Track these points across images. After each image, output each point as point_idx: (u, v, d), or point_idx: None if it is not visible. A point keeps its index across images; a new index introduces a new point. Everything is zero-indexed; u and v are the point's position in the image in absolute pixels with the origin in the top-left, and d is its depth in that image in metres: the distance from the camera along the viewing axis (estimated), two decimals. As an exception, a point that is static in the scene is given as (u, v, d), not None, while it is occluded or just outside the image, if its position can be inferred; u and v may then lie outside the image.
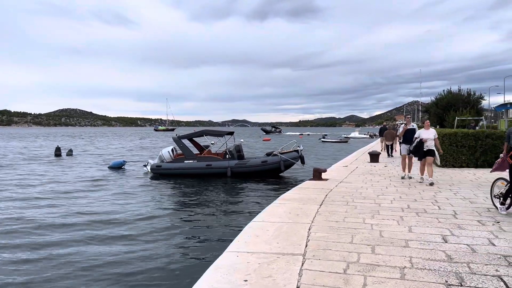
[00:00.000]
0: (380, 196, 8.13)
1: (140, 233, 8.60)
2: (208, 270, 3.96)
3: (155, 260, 6.87)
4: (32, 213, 10.58)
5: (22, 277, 6.18)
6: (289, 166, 17.64)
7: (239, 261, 4.19)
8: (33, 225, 9.30)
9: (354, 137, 69.98)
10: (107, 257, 7.04)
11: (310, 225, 5.65)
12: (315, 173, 10.82)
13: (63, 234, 8.50)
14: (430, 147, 9.72)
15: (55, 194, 13.40)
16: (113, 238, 8.24)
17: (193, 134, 18.98)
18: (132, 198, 12.78)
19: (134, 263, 6.71)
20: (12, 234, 8.57)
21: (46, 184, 15.70)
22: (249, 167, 17.18)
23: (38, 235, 8.45)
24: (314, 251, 4.47)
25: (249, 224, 5.80)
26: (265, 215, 6.38)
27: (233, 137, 19.72)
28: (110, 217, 10.10)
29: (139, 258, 6.96)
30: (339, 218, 6.12)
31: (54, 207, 11.29)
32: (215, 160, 17.55)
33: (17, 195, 13.31)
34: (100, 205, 11.64)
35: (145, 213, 10.50)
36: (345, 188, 9.26)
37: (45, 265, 6.68)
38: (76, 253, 7.30)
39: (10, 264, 6.77)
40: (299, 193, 8.56)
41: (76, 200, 12.32)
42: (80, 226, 9.15)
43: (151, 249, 7.44)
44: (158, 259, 6.90)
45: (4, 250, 7.51)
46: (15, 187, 14.95)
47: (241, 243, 4.86)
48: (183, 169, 17.63)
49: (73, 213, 10.55)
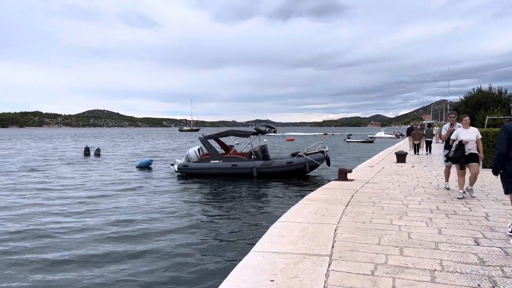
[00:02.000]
0: (407, 197, 7.98)
1: (166, 232, 8.72)
2: (235, 269, 3.98)
3: (181, 259, 6.96)
4: (61, 212, 10.89)
5: (54, 276, 6.38)
6: (315, 167, 17.54)
7: (265, 261, 4.19)
8: (63, 223, 9.58)
9: (379, 137, 68.93)
10: (132, 255, 7.18)
11: (336, 226, 5.60)
12: (341, 173, 10.71)
13: (92, 233, 8.72)
14: (472, 151, 7.74)
15: (84, 194, 13.76)
16: (139, 236, 8.39)
17: (219, 134, 19.13)
18: (158, 197, 12.98)
19: (160, 262, 6.81)
20: (46, 233, 8.85)
21: (75, 184, 16.13)
22: (275, 168, 17.18)
23: (67, 233, 8.70)
24: (341, 252, 4.43)
25: (274, 224, 5.80)
26: (290, 216, 6.36)
27: (258, 137, 19.76)
28: (137, 216, 10.29)
29: (165, 257, 7.06)
30: (365, 219, 6.04)
31: (82, 206, 11.59)
32: (240, 160, 17.63)
33: (48, 194, 13.73)
34: (127, 204, 11.87)
35: (171, 212, 10.65)
36: (371, 188, 9.13)
37: (78, 264, 6.87)
38: (103, 252, 7.47)
39: (45, 264, 6.99)
40: (324, 193, 8.49)
41: (103, 199, 12.61)
42: (107, 225, 9.36)
43: (177, 248, 7.54)
44: (184, 258, 6.98)
45: (37, 249, 7.76)
46: (45, 187, 15.43)
47: (266, 243, 4.86)
48: (209, 168, 17.80)
49: (100, 212, 10.81)
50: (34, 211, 10.89)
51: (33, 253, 7.36)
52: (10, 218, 10.14)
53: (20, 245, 7.86)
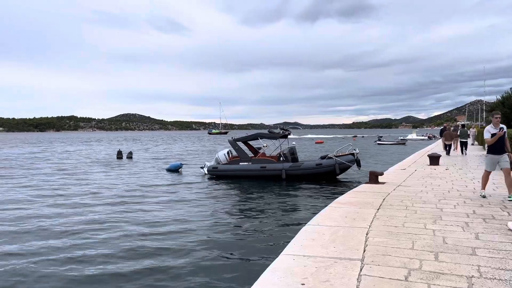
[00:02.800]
0: (442, 200, 7.75)
1: (196, 234, 8.81)
2: (265, 272, 3.98)
3: (211, 262, 7.01)
4: (96, 211, 11.21)
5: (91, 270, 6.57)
6: (345, 169, 17.32)
7: (296, 264, 4.17)
8: (98, 223, 9.86)
9: (411, 139, 67.34)
10: (161, 258, 7.27)
11: (367, 230, 5.51)
12: (372, 176, 10.53)
13: (122, 234, 8.93)
14: None
15: (115, 196, 14.10)
16: (169, 239, 8.49)
17: (248, 137, 19.23)
18: (188, 199, 13.15)
19: (189, 265, 6.88)
20: (81, 234, 9.12)
21: (108, 186, 16.56)
22: (304, 170, 17.09)
23: (99, 234, 8.94)
24: (373, 256, 4.35)
25: (304, 227, 5.76)
26: (320, 219, 6.30)
27: (287, 139, 19.72)
28: (168, 218, 10.45)
29: (195, 260, 7.12)
30: (398, 223, 5.91)
31: (114, 208, 11.88)
32: (269, 163, 17.65)
33: (81, 196, 14.17)
34: (158, 206, 12.09)
35: (201, 215, 10.76)
36: (403, 192, 8.92)
37: (113, 260, 7.05)
38: (133, 254, 7.63)
39: (81, 263, 7.21)
40: (355, 196, 8.37)
41: (134, 202, 12.87)
42: (137, 227, 9.53)
43: (206, 251, 7.60)
44: (214, 261, 7.03)
45: (73, 249, 8.01)
46: (79, 190, 15.92)
47: (297, 246, 4.83)
48: (238, 171, 17.92)
49: (132, 213, 11.05)
50: (67, 213, 11.25)
51: (63, 254, 7.59)
52: (42, 218, 10.52)
53: (49, 247, 8.08)
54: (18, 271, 6.64)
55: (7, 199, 13.23)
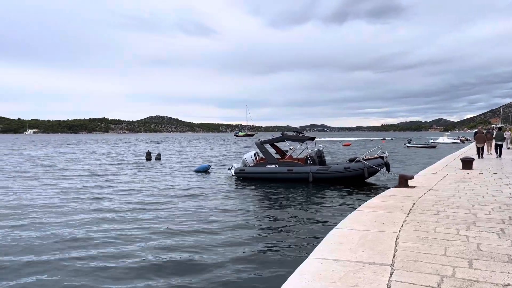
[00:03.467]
0: (475, 206, 7.50)
1: (222, 236, 8.85)
2: (292, 276, 3.95)
3: (237, 265, 7.01)
4: (125, 212, 11.45)
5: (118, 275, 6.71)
6: (374, 173, 17.03)
7: (324, 268, 4.12)
8: (123, 225, 10.07)
9: (443, 142, 65.53)
10: (188, 260, 7.30)
11: (397, 235, 5.39)
12: (401, 180, 10.31)
13: (151, 234, 9.08)
14: None
15: (145, 197, 14.36)
16: (195, 240, 8.55)
17: (275, 139, 19.21)
18: (216, 201, 13.25)
19: (217, 267, 6.91)
20: (110, 236, 9.33)
21: (137, 188, 16.90)
22: (331, 173, 16.91)
23: (129, 236, 9.12)
24: (403, 262, 4.25)
25: (332, 231, 5.70)
26: (349, 223, 6.22)
27: (314, 142, 19.58)
28: (195, 219, 10.54)
29: (221, 263, 7.13)
30: (429, 228, 5.75)
31: (143, 210, 12.10)
32: (296, 165, 17.57)
33: (112, 197, 14.51)
34: (185, 207, 12.22)
35: (228, 217, 10.82)
36: (434, 196, 8.69)
37: (143, 263, 7.18)
38: (161, 256, 7.73)
39: (107, 269, 7.38)
40: (384, 200, 8.21)
41: (163, 203, 13.06)
42: (167, 227, 9.66)
43: (233, 253, 7.61)
44: (240, 264, 7.04)
45: (101, 254, 8.20)
46: (109, 192, 16.30)
47: (325, 250, 4.79)
48: (265, 173, 17.92)
49: (159, 214, 11.21)
50: (96, 215, 11.52)
51: (91, 258, 7.77)
52: (73, 219, 10.82)
53: (78, 248, 8.27)
54: (45, 273, 6.86)
55: (38, 201, 13.48)
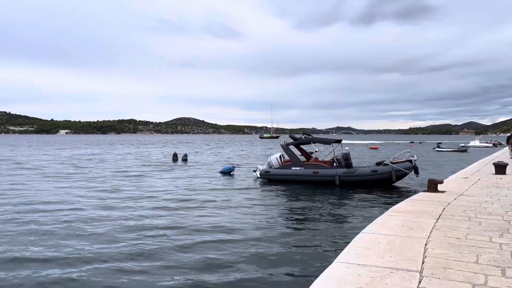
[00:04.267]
0: (509, 212, 7.23)
1: (247, 238, 8.84)
2: (318, 280, 3.91)
3: (262, 267, 6.99)
4: (151, 213, 11.63)
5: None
6: (402, 176, 16.70)
7: (350, 273, 4.06)
8: (148, 226, 10.22)
9: (474, 146, 63.58)
10: (210, 261, 7.31)
11: (426, 240, 5.26)
12: (430, 184, 10.05)
13: (174, 235, 9.18)
14: None
15: (171, 198, 14.54)
16: (219, 242, 8.55)
17: (301, 142, 19.13)
18: (240, 202, 13.29)
19: (241, 270, 6.90)
20: (139, 238, 9.49)
21: (164, 189, 17.14)
22: (358, 176, 16.68)
23: (157, 238, 9.25)
24: (433, 268, 4.14)
25: (358, 235, 5.61)
26: (375, 227, 6.10)
27: (340, 145, 19.40)
28: (219, 221, 10.57)
29: (246, 265, 7.13)
30: (460, 234, 5.58)
31: (169, 211, 12.26)
32: (322, 168, 17.42)
33: (139, 198, 14.77)
34: (210, 209, 12.30)
35: (252, 219, 10.82)
36: (465, 201, 8.43)
37: (169, 267, 7.27)
38: (184, 259, 7.79)
39: (136, 273, 7.50)
40: (412, 205, 8.03)
41: (189, 204, 13.18)
42: (189, 230, 9.67)
43: (257, 257, 7.57)
44: (265, 268, 6.99)
45: (125, 256, 8.34)
46: (137, 193, 16.59)
47: (351, 254, 4.71)
48: (290, 175, 17.86)
49: (185, 215, 11.32)
50: (123, 216, 11.74)
51: (119, 260, 7.88)
52: (97, 221, 11.05)
53: (106, 249, 8.34)
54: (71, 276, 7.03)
55: (65, 200, 13.64)
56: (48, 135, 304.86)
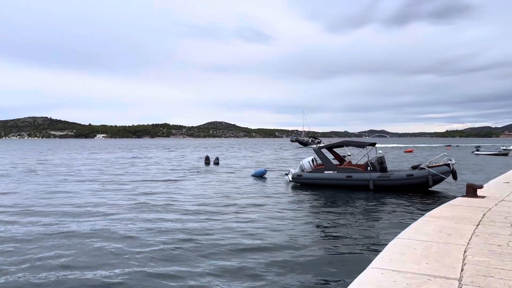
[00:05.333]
0: (555, 219, 6.88)
1: (279, 243, 8.81)
2: (351, 285, 3.87)
3: (294, 272, 6.96)
4: (181, 215, 11.82)
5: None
6: (439, 181, 16.20)
7: (385, 279, 3.99)
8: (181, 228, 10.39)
9: (516, 149, 60.75)
10: (242, 267, 7.32)
11: (465, 247, 5.09)
12: (469, 189, 9.71)
13: (206, 241, 9.28)
14: None
15: (204, 201, 14.71)
16: (252, 247, 8.56)
17: (334, 145, 18.93)
18: (272, 206, 13.28)
19: (273, 276, 6.88)
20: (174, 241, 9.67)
21: (197, 192, 17.38)
22: (393, 181, 16.32)
23: (192, 241, 9.39)
24: (473, 276, 4.00)
25: (393, 240, 5.50)
26: (411, 233, 5.97)
27: (374, 148, 19.05)
28: (251, 225, 10.60)
29: (277, 269, 7.12)
30: (501, 241, 5.37)
31: (202, 212, 12.41)
32: (356, 172, 17.17)
33: (173, 200, 15.04)
34: (243, 213, 12.36)
35: (285, 223, 10.79)
36: (508, 207, 8.09)
37: (198, 270, 7.38)
38: (216, 262, 7.87)
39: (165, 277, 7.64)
40: (450, 210, 7.79)
41: (220, 208, 13.29)
42: (220, 235, 9.69)
43: (290, 261, 7.55)
44: (297, 271, 6.98)
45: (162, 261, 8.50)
46: (172, 195, 16.90)
47: (385, 260, 4.63)
48: (323, 179, 17.69)
49: (215, 220, 11.38)
50: (157, 219, 11.98)
51: (155, 265, 8.06)
52: (131, 226, 11.32)
53: (140, 255, 8.53)
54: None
55: (96, 204, 13.71)
56: (86, 139, 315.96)
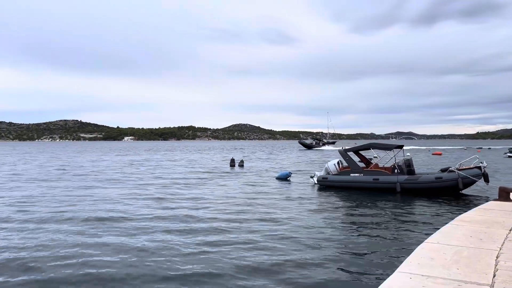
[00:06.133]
0: None
1: (304, 246, 8.79)
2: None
3: (321, 276, 6.92)
4: (207, 217, 11.92)
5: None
6: (469, 184, 15.75)
7: (413, 284, 3.93)
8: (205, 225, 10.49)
9: (552, 152, 58.33)
10: (268, 270, 7.32)
11: (498, 253, 4.95)
12: (502, 192, 9.42)
13: (233, 243, 9.33)
14: None
15: (229, 203, 14.80)
16: (277, 250, 8.55)
17: (359, 147, 18.72)
18: (298, 209, 13.23)
19: (300, 277, 6.88)
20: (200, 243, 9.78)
21: (222, 194, 17.50)
22: (421, 183, 15.98)
23: (221, 244, 9.47)
24: (505, 283, 3.89)
25: (422, 245, 5.41)
26: (440, 237, 5.84)
27: (402, 151, 18.71)
28: (276, 228, 10.56)
29: (304, 272, 7.11)
30: (536, 247, 5.18)
31: (228, 213, 12.50)
32: (382, 175, 16.91)
33: (199, 202, 15.21)
34: (267, 215, 12.35)
35: (310, 226, 10.73)
36: (543, 212, 7.80)
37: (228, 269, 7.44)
38: (241, 263, 7.91)
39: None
40: (481, 214, 7.58)
41: (245, 210, 13.33)
42: (245, 237, 9.74)
43: (315, 264, 7.52)
44: (324, 275, 6.93)
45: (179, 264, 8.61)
46: (198, 197, 17.08)
47: (413, 264, 4.56)
48: (349, 182, 17.52)
49: (240, 222, 11.46)
50: (182, 221, 12.12)
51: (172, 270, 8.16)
52: (160, 224, 11.49)
53: (167, 255, 8.61)
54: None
55: (116, 208, 13.44)
56: (114, 141, 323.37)
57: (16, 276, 6.93)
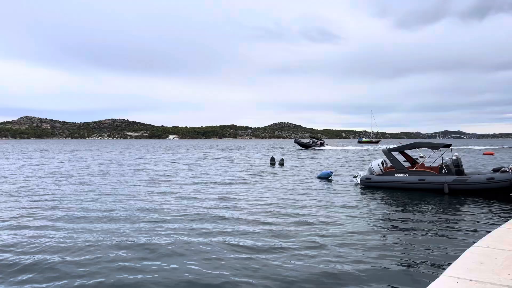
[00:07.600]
0: None
1: (348, 247, 8.69)
2: (424, 292, 3.73)
3: (364, 279, 6.82)
4: (248, 217, 12.02)
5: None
6: None
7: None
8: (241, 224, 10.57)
9: None
10: (312, 272, 7.30)
11: (554, 259, 4.67)
12: (560, 195, 8.84)
13: (274, 243, 9.37)
14: None
15: (268, 202, 14.86)
16: (319, 252, 8.50)
17: (405, 147, 18.21)
18: (340, 210, 13.06)
19: (341, 281, 6.81)
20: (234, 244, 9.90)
21: (262, 192, 17.60)
22: (471, 184, 15.30)
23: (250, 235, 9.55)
24: (562, 291, 3.67)
25: (470, 248, 5.21)
26: (491, 241, 5.59)
27: (450, 150, 18.00)
28: (317, 229, 10.47)
29: (347, 274, 7.04)
30: None
31: (267, 213, 12.55)
32: (429, 175, 16.35)
33: (238, 201, 15.37)
34: (309, 216, 12.29)
35: (354, 228, 10.57)
36: None
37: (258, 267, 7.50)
38: (279, 265, 7.91)
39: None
40: (536, 218, 7.16)
41: (285, 210, 13.30)
42: (285, 238, 9.72)
43: (359, 267, 7.42)
44: (368, 279, 6.82)
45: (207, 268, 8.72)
46: (237, 196, 17.26)
47: (461, 268, 4.40)
48: (393, 182, 17.09)
49: (280, 223, 11.43)
50: (224, 220, 12.25)
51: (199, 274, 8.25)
52: (199, 222, 11.69)
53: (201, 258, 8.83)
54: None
55: (151, 208, 13.27)
56: (159, 140, 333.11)
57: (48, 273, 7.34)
